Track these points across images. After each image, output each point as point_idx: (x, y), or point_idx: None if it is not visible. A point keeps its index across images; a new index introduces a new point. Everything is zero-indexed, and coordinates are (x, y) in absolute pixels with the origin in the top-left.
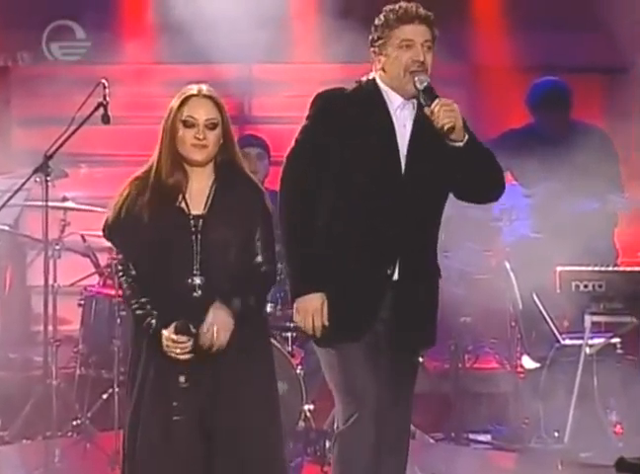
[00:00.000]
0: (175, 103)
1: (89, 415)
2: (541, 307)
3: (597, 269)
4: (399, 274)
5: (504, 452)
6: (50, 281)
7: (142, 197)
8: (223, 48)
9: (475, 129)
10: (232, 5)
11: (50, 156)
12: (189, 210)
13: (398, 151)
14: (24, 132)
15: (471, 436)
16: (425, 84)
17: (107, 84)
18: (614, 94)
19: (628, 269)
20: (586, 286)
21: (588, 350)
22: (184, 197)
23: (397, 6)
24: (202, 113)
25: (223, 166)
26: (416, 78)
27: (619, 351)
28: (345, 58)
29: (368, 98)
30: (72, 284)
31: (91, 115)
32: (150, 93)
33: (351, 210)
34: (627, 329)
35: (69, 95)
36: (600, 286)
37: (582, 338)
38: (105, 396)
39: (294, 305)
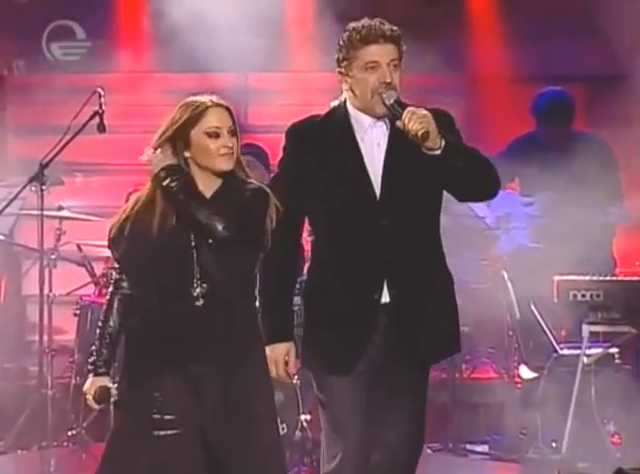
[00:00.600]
0: (188, 114)
1: (84, 425)
2: (539, 317)
3: (594, 278)
4: (390, 296)
5: (501, 463)
6: (46, 291)
7: (146, 207)
8: (220, 57)
9: (472, 139)
10: (229, 13)
11: (46, 165)
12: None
13: (368, 174)
14: (19, 141)
15: (469, 447)
16: (393, 99)
17: (102, 93)
18: (613, 101)
19: (626, 278)
20: (584, 296)
21: (585, 359)
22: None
23: (360, 24)
24: (225, 121)
25: (231, 174)
26: (384, 95)
27: (617, 361)
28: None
29: (336, 123)
30: (68, 294)
31: (87, 123)
32: (146, 101)
33: (331, 236)
34: (625, 339)
35: (65, 104)
36: (598, 296)
37: (579, 348)
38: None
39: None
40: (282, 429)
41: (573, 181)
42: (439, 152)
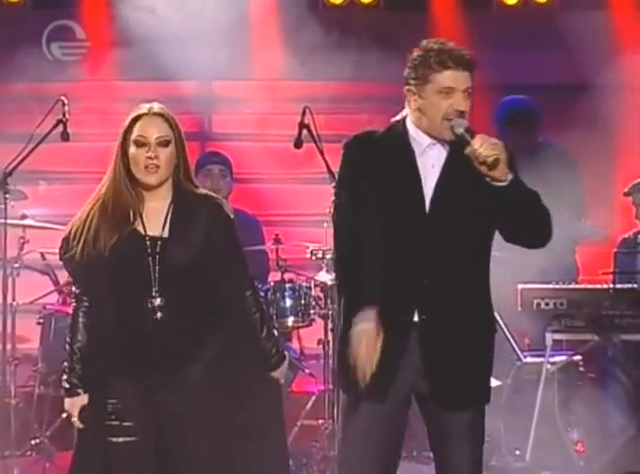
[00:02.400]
0: (125, 123)
1: (48, 434)
2: (502, 325)
3: (558, 286)
4: (422, 317)
5: None
6: (9, 300)
7: (97, 219)
8: (183, 64)
9: None
10: (191, 22)
11: (9, 173)
12: (145, 232)
13: (422, 195)
14: None
15: (432, 455)
16: (462, 127)
17: (66, 101)
18: (575, 110)
19: (590, 286)
20: (547, 304)
21: (549, 367)
22: (140, 218)
23: (438, 46)
24: (153, 131)
25: (179, 185)
26: (453, 123)
27: (581, 369)
28: (306, 75)
29: (395, 141)
30: (31, 302)
31: (50, 132)
32: (110, 110)
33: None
34: (589, 347)
35: (28, 112)
36: (562, 304)
37: (543, 355)
38: (64, 415)
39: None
40: None
41: (539, 192)
42: (505, 183)
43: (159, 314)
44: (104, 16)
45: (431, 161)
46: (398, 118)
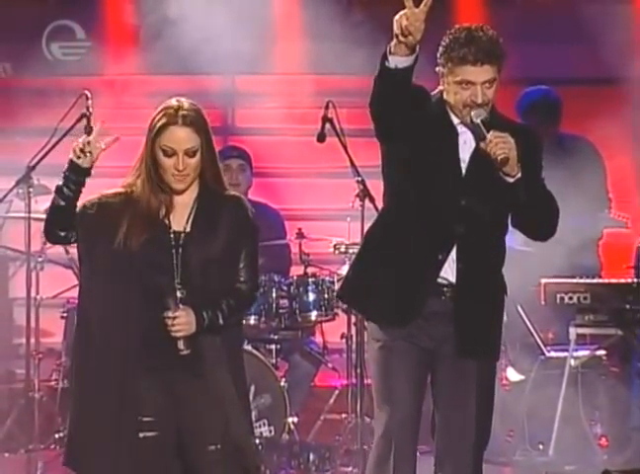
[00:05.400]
0: (155, 124)
1: None
2: (526, 319)
3: (581, 281)
4: (459, 256)
5: (488, 465)
6: (33, 294)
7: (128, 217)
8: (206, 60)
9: None
10: (215, 16)
11: (33, 167)
12: (170, 226)
13: (459, 155)
14: (5, 144)
15: None
16: (481, 118)
17: (90, 95)
18: (599, 105)
19: (613, 281)
20: (571, 299)
21: (572, 362)
22: (167, 213)
23: (464, 38)
24: (181, 142)
25: (207, 182)
26: (473, 113)
27: (604, 363)
28: (328, 70)
29: (436, 104)
30: (55, 296)
31: (74, 126)
32: (133, 104)
33: (411, 202)
34: (612, 341)
35: (52, 106)
36: (585, 299)
37: (567, 350)
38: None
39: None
40: (270, 431)
41: (559, 183)
42: (511, 180)
43: (180, 305)
44: (129, 12)
45: (463, 137)
46: (436, 91)
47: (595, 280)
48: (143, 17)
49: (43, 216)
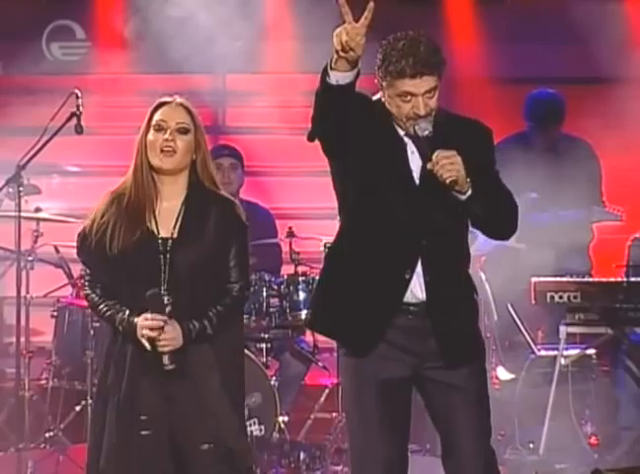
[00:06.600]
0: (148, 113)
1: (62, 427)
2: (516, 318)
3: (572, 280)
4: (424, 281)
5: None
6: (23, 293)
7: (114, 215)
8: (197, 59)
9: None
10: (206, 15)
11: (23, 166)
12: (157, 232)
13: (410, 168)
14: None
15: None
16: (425, 133)
17: (80, 94)
18: (590, 105)
19: (603, 280)
20: (561, 297)
21: (563, 361)
22: (154, 217)
23: (398, 51)
24: (173, 116)
25: (195, 184)
26: (417, 127)
27: (594, 362)
28: (319, 68)
29: (380, 113)
30: (45, 296)
31: (64, 125)
32: (124, 103)
33: (368, 214)
34: (602, 340)
35: (41, 105)
36: (576, 298)
37: (557, 349)
38: (78, 408)
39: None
40: (260, 430)
41: (558, 184)
42: (463, 197)
43: (167, 310)
44: (119, 11)
45: (410, 147)
46: (376, 97)
47: (585, 279)
48: (134, 15)
49: (34, 215)
